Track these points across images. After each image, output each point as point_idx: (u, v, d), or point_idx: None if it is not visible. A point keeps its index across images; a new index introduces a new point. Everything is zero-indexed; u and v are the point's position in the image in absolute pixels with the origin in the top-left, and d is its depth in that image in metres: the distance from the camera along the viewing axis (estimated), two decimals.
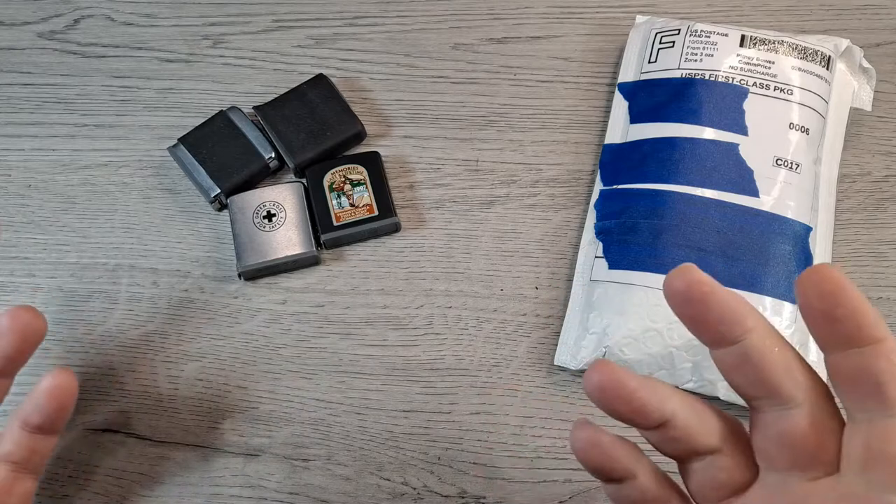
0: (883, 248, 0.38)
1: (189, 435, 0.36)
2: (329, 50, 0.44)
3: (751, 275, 0.34)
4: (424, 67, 0.44)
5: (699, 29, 0.39)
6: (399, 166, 0.41)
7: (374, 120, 0.42)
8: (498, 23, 0.45)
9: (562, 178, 0.41)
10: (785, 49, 0.37)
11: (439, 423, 0.36)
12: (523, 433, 0.36)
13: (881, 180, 0.40)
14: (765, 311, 0.33)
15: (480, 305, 0.38)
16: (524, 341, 0.37)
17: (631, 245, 0.36)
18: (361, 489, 0.35)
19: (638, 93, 0.40)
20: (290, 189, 0.39)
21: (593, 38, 0.44)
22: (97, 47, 0.45)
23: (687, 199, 0.35)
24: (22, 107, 0.43)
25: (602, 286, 0.36)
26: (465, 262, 0.39)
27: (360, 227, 0.38)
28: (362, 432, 0.36)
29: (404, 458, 0.35)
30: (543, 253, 0.39)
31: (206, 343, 0.38)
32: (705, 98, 0.37)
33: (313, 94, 0.41)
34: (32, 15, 0.46)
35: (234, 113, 0.41)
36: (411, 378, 0.37)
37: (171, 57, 0.44)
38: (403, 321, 0.38)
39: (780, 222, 0.35)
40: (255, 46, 0.45)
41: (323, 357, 0.37)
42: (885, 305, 0.37)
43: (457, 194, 0.40)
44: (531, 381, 0.37)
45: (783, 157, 0.36)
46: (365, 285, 0.39)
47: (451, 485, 0.35)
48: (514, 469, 0.35)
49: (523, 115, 0.42)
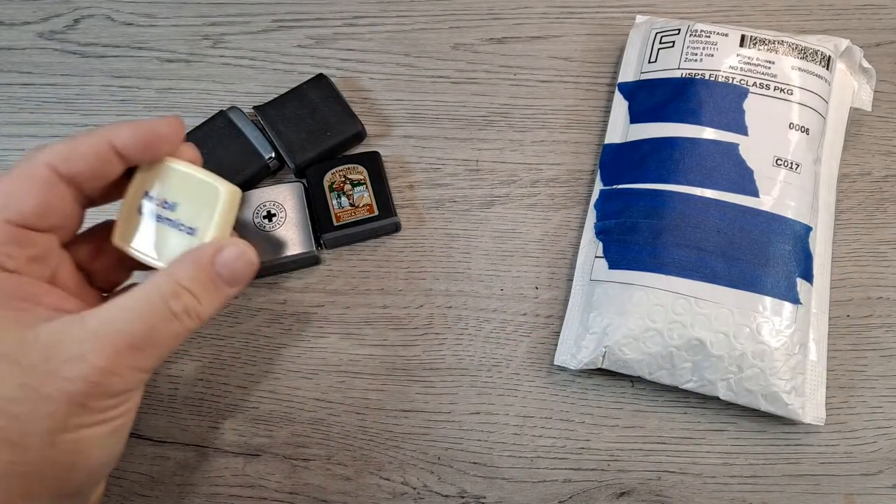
0: (883, 248, 0.38)
1: (189, 435, 0.36)
2: (329, 50, 0.44)
3: (751, 275, 0.34)
4: (424, 67, 0.44)
5: (699, 29, 0.39)
6: (399, 166, 0.41)
7: (374, 120, 0.42)
8: (498, 23, 0.45)
9: (562, 178, 0.41)
10: (785, 49, 0.37)
11: (439, 422, 0.36)
12: (523, 433, 0.36)
13: (881, 180, 0.40)
14: (765, 310, 0.33)
15: (480, 305, 0.38)
16: (524, 341, 0.37)
17: (631, 245, 0.36)
18: (361, 489, 0.35)
19: (638, 93, 0.40)
20: (291, 189, 0.39)
21: (593, 38, 0.44)
22: (97, 47, 0.45)
23: (687, 198, 0.35)
24: (22, 107, 0.43)
25: (602, 286, 0.36)
26: (465, 262, 0.39)
27: (361, 227, 0.38)
28: (362, 432, 0.36)
29: (404, 458, 0.35)
30: (543, 253, 0.39)
31: (206, 343, 0.38)
32: (705, 98, 0.37)
33: (313, 95, 0.41)
34: (32, 15, 0.46)
35: (235, 113, 0.41)
36: (411, 378, 0.37)
37: (171, 57, 0.44)
38: (403, 321, 0.38)
39: (780, 222, 0.35)
40: (255, 46, 0.45)
41: (323, 357, 0.37)
42: (885, 305, 0.37)
43: (457, 194, 0.40)
44: (531, 380, 0.37)
45: (783, 157, 0.36)
46: (365, 285, 0.39)
47: (451, 484, 0.35)
48: (514, 469, 0.35)
49: (523, 115, 0.42)
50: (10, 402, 0.24)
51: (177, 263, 0.28)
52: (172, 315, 0.27)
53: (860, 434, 0.35)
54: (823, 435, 0.35)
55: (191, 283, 0.28)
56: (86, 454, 0.26)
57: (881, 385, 0.36)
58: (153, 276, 0.28)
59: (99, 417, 0.26)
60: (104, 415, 0.26)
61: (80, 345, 0.25)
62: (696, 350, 0.33)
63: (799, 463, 0.35)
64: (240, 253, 0.29)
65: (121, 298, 0.27)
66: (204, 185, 0.30)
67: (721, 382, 0.33)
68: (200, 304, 0.28)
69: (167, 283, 0.27)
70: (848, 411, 0.35)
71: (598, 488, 0.34)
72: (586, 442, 0.35)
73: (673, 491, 0.34)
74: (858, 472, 0.34)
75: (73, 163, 0.28)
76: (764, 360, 0.33)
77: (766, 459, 0.35)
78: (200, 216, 0.30)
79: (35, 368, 0.25)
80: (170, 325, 0.27)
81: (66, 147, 0.28)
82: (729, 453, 0.35)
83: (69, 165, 0.28)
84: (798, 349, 0.34)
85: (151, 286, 0.27)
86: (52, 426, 0.25)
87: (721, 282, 0.34)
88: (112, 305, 0.27)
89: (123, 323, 0.26)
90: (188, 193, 0.30)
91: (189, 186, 0.30)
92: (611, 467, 0.35)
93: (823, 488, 0.34)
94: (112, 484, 0.35)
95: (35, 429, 0.25)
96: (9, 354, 0.25)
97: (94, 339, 0.25)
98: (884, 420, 0.35)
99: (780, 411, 0.33)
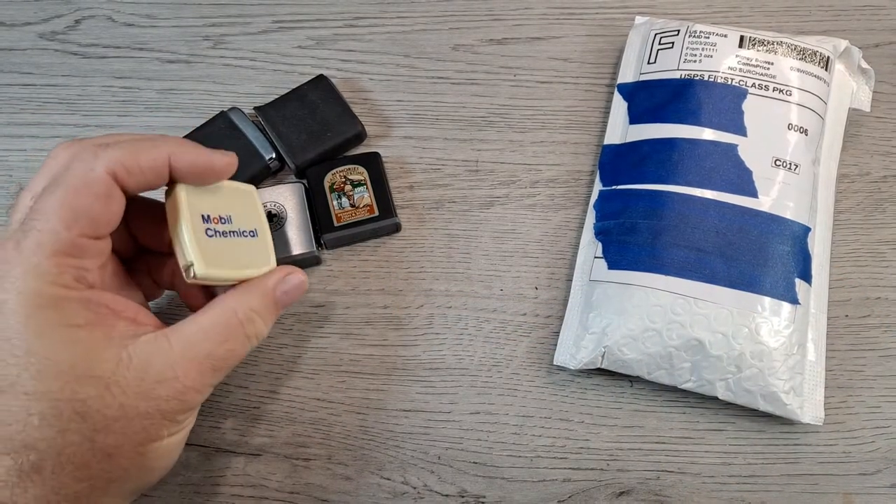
0: (882, 249, 0.39)
1: (189, 435, 0.36)
2: (329, 51, 0.44)
3: (750, 275, 0.34)
4: (424, 68, 0.44)
5: (698, 30, 0.39)
6: (399, 167, 0.41)
7: (374, 120, 0.42)
8: (498, 24, 0.45)
9: (561, 178, 0.41)
10: (784, 50, 0.38)
11: (439, 422, 0.36)
12: (523, 433, 0.36)
13: (880, 181, 0.40)
14: (763, 311, 0.33)
15: (480, 305, 0.38)
16: (524, 341, 0.37)
17: (630, 245, 0.36)
18: (362, 488, 0.35)
19: (637, 93, 0.40)
20: (291, 189, 0.39)
21: (593, 38, 0.44)
22: (98, 48, 0.45)
23: (686, 199, 0.35)
24: (23, 107, 0.43)
25: (601, 286, 0.36)
26: (464, 263, 0.39)
27: (361, 227, 0.39)
28: (363, 432, 0.36)
29: (404, 458, 0.35)
30: (543, 253, 0.39)
31: None
32: (704, 99, 0.37)
33: (314, 95, 0.41)
34: (33, 16, 0.46)
35: (235, 114, 0.41)
36: (411, 378, 0.37)
37: (172, 58, 0.44)
38: (403, 321, 0.38)
39: (778, 223, 0.35)
40: (255, 47, 0.45)
41: (323, 357, 0.37)
42: (884, 305, 0.37)
43: (456, 195, 0.41)
44: (531, 380, 0.37)
45: (782, 158, 0.36)
46: (365, 285, 0.39)
47: (451, 484, 0.35)
48: (514, 468, 0.35)
49: (523, 116, 0.42)
50: (112, 421, 0.26)
51: (248, 290, 0.30)
52: (247, 338, 0.30)
53: (858, 434, 0.35)
54: (822, 435, 0.35)
55: (261, 308, 0.30)
56: (165, 459, 0.29)
57: (879, 385, 0.36)
58: (227, 298, 0.30)
59: (179, 427, 0.29)
60: (182, 424, 0.29)
61: (173, 367, 0.27)
62: (694, 350, 0.33)
63: (797, 462, 0.35)
64: (300, 282, 0.32)
65: (201, 319, 0.29)
66: (235, 190, 0.32)
67: (720, 382, 0.34)
68: (265, 326, 0.31)
69: (243, 309, 0.30)
70: (846, 411, 0.35)
71: (597, 488, 0.35)
72: (586, 441, 0.35)
73: (672, 490, 0.34)
74: (856, 471, 0.34)
75: (135, 175, 0.28)
76: (762, 361, 0.33)
77: (764, 459, 0.35)
78: (251, 218, 0.32)
79: (131, 388, 0.26)
80: (245, 348, 0.30)
81: (128, 156, 0.27)
82: (728, 453, 0.35)
83: (130, 177, 0.28)
84: (796, 349, 0.34)
85: (229, 311, 0.29)
86: (146, 438, 0.27)
87: (720, 282, 0.34)
88: (194, 327, 0.29)
89: (208, 345, 0.29)
90: (230, 202, 0.32)
91: (228, 195, 0.32)
92: (610, 467, 0.35)
93: (822, 488, 0.34)
94: None
95: (130, 442, 0.27)
96: (108, 376, 0.26)
97: (184, 361, 0.28)
98: (882, 420, 0.35)
99: (778, 411, 0.33)
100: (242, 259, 0.31)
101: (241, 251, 0.31)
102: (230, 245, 0.31)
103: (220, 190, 0.31)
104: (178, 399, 0.28)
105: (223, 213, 0.31)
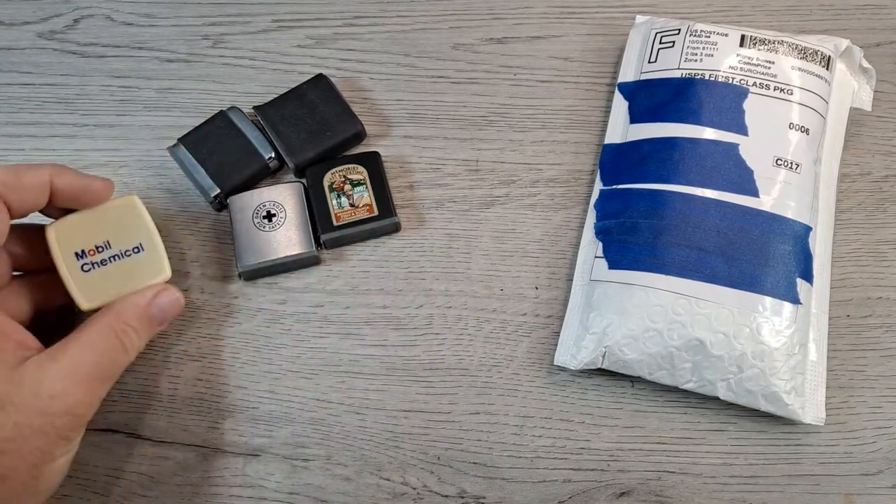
0: (883, 248, 0.38)
1: (189, 435, 0.36)
2: (329, 50, 0.44)
3: (751, 275, 0.34)
4: (424, 67, 0.44)
5: (699, 29, 0.39)
6: (399, 166, 0.41)
7: (374, 120, 0.42)
8: (498, 23, 0.45)
9: (562, 178, 0.41)
10: (785, 49, 0.38)
11: (439, 423, 0.36)
12: (523, 433, 0.36)
13: (881, 180, 0.40)
14: (765, 310, 0.33)
15: (480, 305, 0.38)
16: (524, 341, 0.37)
17: (631, 245, 0.36)
18: (361, 489, 0.35)
19: (638, 93, 0.40)
20: (290, 189, 0.39)
21: (593, 38, 0.44)
22: (97, 47, 0.45)
23: (687, 199, 0.35)
24: (22, 107, 0.43)
25: (602, 286, 0.36)
26: (464, 262, 0.39)
27: (360, 227, 0.38)
28: (362, 432, 0.36)
29: (404, 458, 0.35)
30: (543, 253, 0.39)
31: (205, 343, 0.38)
32: (705, 98, 0.37)
33: (313, 94, 0.41)
34: (32, 15, 0.46)
35: (234, 113, 0.41)
36: (411, 378, 0.37)
37: (171, 57, 0.44)
38: (403, 321, 0.38)
39: (779, 222, 0.35)
40: (254, 46, 0.45)
41: (323, 357, 0.37)
42: (885, 305, 0.37)
43: (456, 194, 0.40)
44: (531, 381, 0.37)
45: (783, 157, 0.36)
46: (365, 285, 0.39)
47: (450, 485, 0.35)
48: (514, 469, 0.35)
49: (523, 115, 0.42)
50: (6, 442, 0.27)
51: (122, 305, 0.32)
52: (125, 351, 0.32)
53: (860, 434, 0.35)
54: (823, 435, 0.35)
55: (135, 321, 0.32)
56: (53, 481, 0.30)
57: (881, 385, 0.36)
58: (104, 314, 0.31)
59: (69, 447, 0.29)
60: (72, 443, 0.30)
61: (62, 382, 0.28)
62: (696, 350, 0.33)
63: (799, 463, 0.35)
64: (173, 299, 0.34)
65: (81, 336, 0.30)
66: (117, 208, 0.33)
67: (721, 383, 0.33)
68: (140, 339, 0.32)
69: (117, 322, 0.31)
70: (848, 411, 0.35)
71: (597, 488, 0.34)
72: (586, 442, 0.35)
73: (673, 491, 0.34)
74: (858, 471, 0.34)
75: (17, 192, 0.30)
76: (764, 361, 0.33)
77: (765, 459, 0.35)
78: (134, 233, 0.33)
79: (26, 405, 0.27)
80: (124, 358, 0.32)
81: (10, 175, 0.30)
82: (729, 453, 0.35)
83: (13, 194, 0.30)
84: (798, 349, 0.34)
85: (105, 326, 0.31)
86: (40, 459, 0.28)
87: (721, 282, 0.34)
88: (76, 345, 0.30)
89: (92, 357, 0.30)
90: (108, 225, 0.33)
91: (108, 217, 0.33)
92: (611, 467, 0.35)
93: (823, 488, 0.34)
94: (112, 484, 0.35)
95: (24, 463, 0.27)
96: (3, 397, 0.27)
97: (73, 376, 0.29)
98: (883, 420, 0.35)
99: (779, 411, 0.33)
100: (130, 277, 0.33)
101: (127, 270, 0.33)
102: (113, 270, 0.33)
103: (98, 213, 0.33)
104: (71, 414, 0.29)
105: (100, 241, 0.33)
